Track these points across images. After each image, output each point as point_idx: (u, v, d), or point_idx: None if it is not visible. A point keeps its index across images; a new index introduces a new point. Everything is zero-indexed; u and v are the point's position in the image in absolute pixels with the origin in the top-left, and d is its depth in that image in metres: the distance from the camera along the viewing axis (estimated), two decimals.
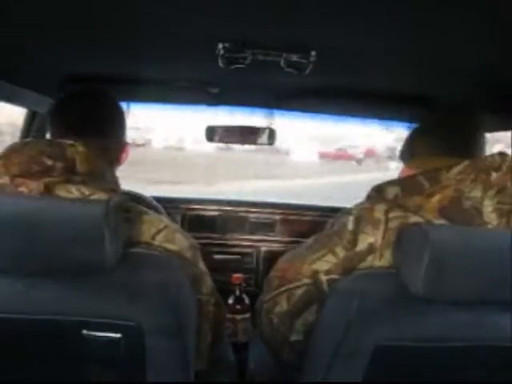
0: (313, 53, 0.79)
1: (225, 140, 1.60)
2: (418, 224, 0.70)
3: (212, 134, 1.56)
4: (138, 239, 0.73)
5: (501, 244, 0.62)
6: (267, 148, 16.03)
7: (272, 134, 1.57)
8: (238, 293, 1.37)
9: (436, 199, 0.71)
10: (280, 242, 1.79)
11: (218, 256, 1.76)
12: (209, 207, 1.81)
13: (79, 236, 0.61)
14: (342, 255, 0.75)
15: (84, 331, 0.65)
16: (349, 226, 0.76)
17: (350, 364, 0.69)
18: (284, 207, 1.85)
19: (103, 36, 0.79)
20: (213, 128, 1.56)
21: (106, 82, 1.10)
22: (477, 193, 0.70)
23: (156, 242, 0.75)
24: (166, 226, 0.78)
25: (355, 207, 0.81)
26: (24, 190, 0.69)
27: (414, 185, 0.74)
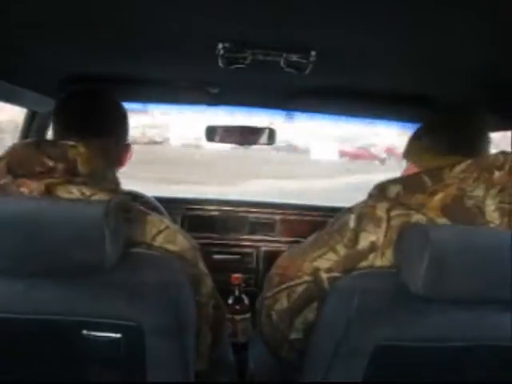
0: (313, 53, 0.79)
1: (225, 140, 1.60)
2: (419, 223, 0.70)
3: (212, 134, 1.56)
4: (139, 239, 0.73)
5: (501, 243, 0.62)
6: (285, 146, 15.66)
7: (272, 134, 1.57)
8: (238, 293, 1.38)
9: (438, 197, 0.71)
10: (280, 242, 1.79)
11: (218, 256, 1.76)
12: (209, 207, 1.81)
13: (79, 236, 0.61)
14: (343, 253, 0.75)
15: (84, 331, 0.65)
16: (350, 224, 0.76)
17: (350, 363, 0.69)
18: (284, 207, 1.85)
19: (103, 36, 0.79)
20: (213, 128, 1.56)
21: (106, 82, 1.10)
22: (479, 192, 0.70)
23: (156, 243, 0.75)
24: (167, 227, 0.78)
25: (357, 205, 0.80)
26: (25, 191, 0.69)
27: (417, 183, 0.74)
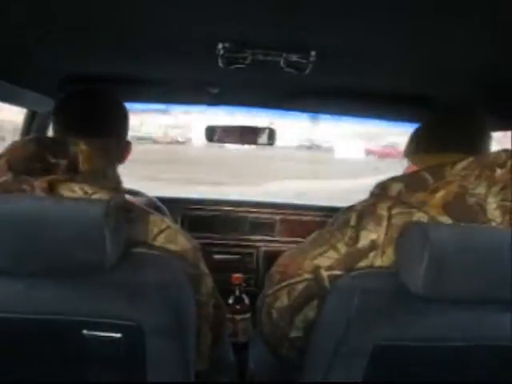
0: (313, 53, 0.79)
1: (225, 140, 1.60)
2: (419, 222, 0.70)
3: (212, 134, 1.56)
4: (140, 239, 0.73)
5: (501, 243, 0.62)
6: (308, 145, 15.35)
7: (272, 134, 1.57)
8: (238, 293, 1.38)
9: (440, 195, 0.70)
10: (280, 242, 1.79)
11: (218, 256, 1.76)
12: (209, 207, 1.81)
13: (79, 236, 0.60)
14: (344, 251, 0.75)
15: (84, 331, 0.65)
16: (351, 222, 0.76)
17: (351, 363, 0.68)
18: (284, 207, 1.85)
19: (103, 36, 0.79)
20: (213, 128, 1.56)
21: (106, 82, 1.10)
22: (481, 189, 0.69)
23: (157, 243, 0.75)
24: (168, 227, 0.78)
25: (358, 204, 0.80)
26: (27, 188, 0.68)
27: (418, 181, 0.74)
